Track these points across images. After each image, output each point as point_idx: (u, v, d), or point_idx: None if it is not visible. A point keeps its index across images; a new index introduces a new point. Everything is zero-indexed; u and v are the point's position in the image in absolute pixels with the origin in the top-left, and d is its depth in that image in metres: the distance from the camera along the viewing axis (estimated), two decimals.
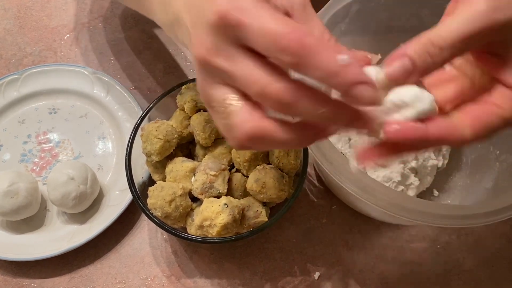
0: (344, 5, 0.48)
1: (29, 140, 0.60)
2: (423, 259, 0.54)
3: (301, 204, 0.56)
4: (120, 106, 0.60)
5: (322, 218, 0.55)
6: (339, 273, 0.53)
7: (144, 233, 0.55)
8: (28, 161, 0.59)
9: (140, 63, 0.65)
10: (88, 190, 0.52)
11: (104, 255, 0.53)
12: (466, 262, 0.53)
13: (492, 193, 0.49)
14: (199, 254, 0.53)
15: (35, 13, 0.70)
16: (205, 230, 0.44)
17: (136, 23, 0.68)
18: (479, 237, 0.55)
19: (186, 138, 0.52)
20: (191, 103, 0.50)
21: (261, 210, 0.47)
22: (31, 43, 0.67)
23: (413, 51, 0.25)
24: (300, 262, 0.53)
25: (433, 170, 0.54)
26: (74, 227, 0.54)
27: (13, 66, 0.65)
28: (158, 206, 0.45)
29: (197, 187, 0.47)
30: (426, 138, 0.26)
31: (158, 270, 0.53)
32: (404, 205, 0.39)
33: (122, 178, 0.54)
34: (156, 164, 0.50)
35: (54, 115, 0.61)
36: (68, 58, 0.66)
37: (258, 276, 0.52)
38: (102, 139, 0.60)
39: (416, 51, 0.25)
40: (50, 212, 0.56)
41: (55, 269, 0.53)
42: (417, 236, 0.55)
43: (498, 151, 0.52)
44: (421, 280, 0.53)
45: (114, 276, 0.53)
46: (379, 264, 0.53)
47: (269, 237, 0.54)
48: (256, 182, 0.46)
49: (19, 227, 0.54)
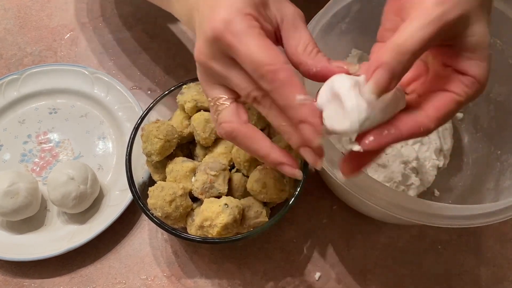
0: (344, 5, 0.48)
1: (29, 140, 0.60)
2: (424, 259, 0.54)
3: (302, 204, 0.56)
4: (120, 106, 0.60)
5: (323, 218, 0.55)
6: (340, 274, 0.52)
7: (144, 233, 0.55)
8: (28, 161, 0.59)
9: (140, 63, 0.65)
10: (88, 190, 0.52)
11: (104, 255, 0.53)
12: (467, 262, 0.53)
13: (493, 193, 0.49)
14: (199, 254, 0.53)
15: (35, 13, 0.70)
16: (205, 230, 0.44)
17: (136, 23, 0.68)
18: (480, 237, 0.54)
19: (187, 138, 0.52)
20: (191, 103, 0.50)
21: (262, 210, 0.47)
22: (31, 43, 0.67)
23: (389, 59, 0.28)
24: (300, 262, 0.53)
25: (434, 170, 0.54)
26: (74, 227, 0.54)
27: (13, 66, 0.65)
28: (158, 206, 0.45)
29: (197, 187, 0.47)
30: (398, 139, 0.30)
31: (158, 270, 0.53)
32: (404, 205, 0.39)
33: (122, 178, 0.54)
34: (156, 164, 0.50)
35: (54, 115, 0.61)
36: (68, 58, 0.66)
37: (258, 276, 0.52)
38: (102, 139, 0.60)
39: (392, 58, 0.28)
40: (50, 212, 0.55)
41: (55, 269, 0.53)
42: (418, 236, 0.55)
43: (499, 151, 0.52)
44: (422, 280, 0.53)
45: (114, 276, 0.52)
46: (380, 264, 0.53)
47: (269, 237, 0.54)
48: (256, 182, 0.46)
49: (19, 227, 0.54)
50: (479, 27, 0.30)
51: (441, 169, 0.55)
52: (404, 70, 0.29)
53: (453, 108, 0.30)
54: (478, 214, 0.39)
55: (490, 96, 0.53)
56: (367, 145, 0.29)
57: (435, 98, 0.31)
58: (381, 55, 0.28)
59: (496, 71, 0.52)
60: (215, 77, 0.34)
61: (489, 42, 0.30)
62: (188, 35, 0.66)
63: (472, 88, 0.30)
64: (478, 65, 0.30)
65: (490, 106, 0.54)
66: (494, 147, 0.53)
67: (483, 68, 0.30)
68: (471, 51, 0.30)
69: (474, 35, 0.30)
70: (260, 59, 0.30)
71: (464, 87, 0.30)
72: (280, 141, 0.48)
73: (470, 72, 0.30)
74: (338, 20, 0.49)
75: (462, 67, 0.30)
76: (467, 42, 0.30)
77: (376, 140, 0.29)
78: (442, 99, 0.30)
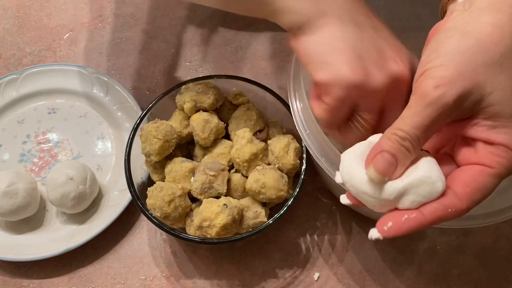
0: None
1: (28, 140, 0.60)
2: (423, 259, 0.53)
3: (301, 204, 0.56)
4: (120, 106, 0.60)
5: (322, 219, 0.55)
6: (339, 274, 0.52)
7: (143, 233, 0.54)
8: (27, 161, 0.58)
9: (139, 63, 0.65)
10: (87, 190, 0.52)
11: (103, 256, 0.53)
12: (466, 262, 0.53)
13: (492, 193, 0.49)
14: (198, 254, 0.53)
15: (34, 12, 0.70)
16: (204, 231, 0.44)
17: (136, 23, 0.68)
18: (479, 237, 0.54)
19: (186, 138, 0.52)
20: (190, 103, 0.50)
21: (261, 210, 0.47)
22: (30, 43, 0.67)
23: (387, 146, 0.28)
24: (299, 262, 0.53)
25: None
26: (73, 227, 0.54)
27: (12, 66, 0.65)
28: (157, 207, 0.45)
29: (196, 187, 0.47)
30: (422, 225, 0.28)
31: (157, 271, 0.53)
32: None
33: (121, 178, 0.54)
34: (155, 164, 0.50)
35: (54, 115, 0.61)
36: (68, 58, 0.66)
37: (257, 276, 0.52)
38: (102, 139, 0.60)
39: (390, 146, 0.28)
40: (49, 212, 0.55)
41: (54, 269, 0.53)
42: (417, 237, 0.55)
43: None
44: (421, 281, 0.52)
45: (113, 277, 0.52)
46: (379, 265, 0.53)
47: (268, 238, 0.54)
48: (255, 182, 0.46)
49: (18, 227, 0.54)
50: (499, 96, 0.28)
51: None
52: (407, 156, 0.28)
53: (486, 180, 0.28)
54: (477, 214, 0.39)
55: None
56: (386, 232, 0.28)
57: (464, 174, 0.29)
58: (381, 141, 0.28)
59: None
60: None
61: None
62: (187, 35, 0.66)
63: (505, 157, 0.28)
64: (505, 132, 0.28)
65: None
66: None
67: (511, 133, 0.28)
68: (493, 120, 0.28)
69: (493, 105, 0.28)
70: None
71: (495, 157, 0.28)
72: (280, 141, 0.48)
73: (497, 141, 0.28)
74: None
75: (486, 137, 0.28)
76: (486, 112, 0.28)
77: (396, 226, 0.28)
78: (472, 173, 0.28)
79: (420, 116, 0.27)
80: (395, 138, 0.28)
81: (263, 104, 0.53)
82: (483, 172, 0.28)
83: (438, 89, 0.27)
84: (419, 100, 0.28)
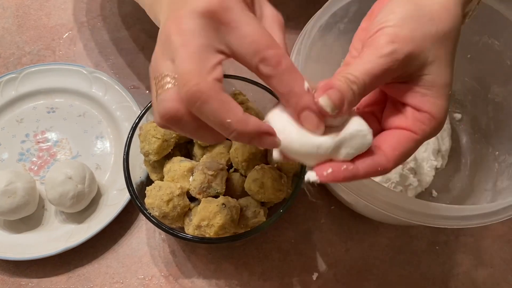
0: (343, 5, 0.48)
1: (27, 139, 0.60)
2: (422, 259, 0.54)
3: (300, 204, 0.56)
4: (119, 106, 0.60)
5: (321, 219, 0.55)
6: (338, 274, 0.52)
7: (142, 233, 0.54)
8: (26, 160, 0.58)
9: (138, 62, 0.65)
10: (86, 189, 0.52)
11: (101, 255, 0.53)
12: (464, 262, 0.53)
13: (491, 194, 0.49)
14: (197, 254, 0.53)
15: (33, 12, 0.70)
16: (202, 230, 0.44)
17: (135, 22, 0.68)
18: (478, 238, 0.55)
19: (184, 137, 0.52)
20: None
21: (259, 210, 0.47)
22: (29, 42, 0.67)
23: (339, 84, 0.28)
24: (298, 262, 0.53)
25: (432, 171, 0.54)
26: (72, 226, 0.54)
27: (11, 65, 0.65)
28: (156, 206, 0.45)
29: (195, 187, 0.47)
30: (355, 177, 0.30)
31: (156, 270, 0.53)
32: (402, 206, 0.39)
33: (120, 178, 0.54)
34: (154, 163, 0.50)
35: (52, 114, 0.61)
36: (67, 57, 0.66)
37: (256, 276, 0.52)
38: (100, 138, 0.60)
39: (342, 84, 0.29)
40: (48, 211, 0.55)
41: (52, 268, 0.53)
42: (416, 237, 0.55)
43: (497, 152, 0.52)
44: (419, 281, 0.52)
45: (112, 276, 0.52)
46: (378, 265, 0.53)
47: (267, 238, 0.54)
48: (254, 182, 0.46)
49: (17, 227, 0.54)
50: (437, 66, 0.30)
51: (439, 170, 0.55)
52: (354, 98, 0.29)
53: (410, 146, 0.30)
54: (476, 214, 0.39)
55: (488, 97, 0.53)
56: (325, 177, 0.29)
57: (393, 138, 0.31)
58: (333, 80, 0.29)
59: (494, 72, 0.52)
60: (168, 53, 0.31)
61: (450, 82, 0.31)
62: None
63: (428, 125, 0.30)
64: (434, 102, 0.30)
65: (488, 106, 0.54)
66: (492, 148, 0.53)
67: (440, 105, 0.30)
68: (426, 89, 0.30)
69: (430, 74, 0.30)
70: (263, 41, 0.28)
71: (420, 124, 0.30)
72: None
73: (425, 108, 0.30)
74: (336, 20, 0.49)
75: (417, 103, 0.31)
76: (422, 79, 0.30)
77: (335, 173, 0.29)
78: (399, 138, 0.31)
79: (371, 65, 0.29)
80: (345, 80, 0.29)
81: (262, 103, 0.53)
82: (409, 139, 0.30)
83: (392, 45, 0.29)
84: (372, 52, 0.29)
